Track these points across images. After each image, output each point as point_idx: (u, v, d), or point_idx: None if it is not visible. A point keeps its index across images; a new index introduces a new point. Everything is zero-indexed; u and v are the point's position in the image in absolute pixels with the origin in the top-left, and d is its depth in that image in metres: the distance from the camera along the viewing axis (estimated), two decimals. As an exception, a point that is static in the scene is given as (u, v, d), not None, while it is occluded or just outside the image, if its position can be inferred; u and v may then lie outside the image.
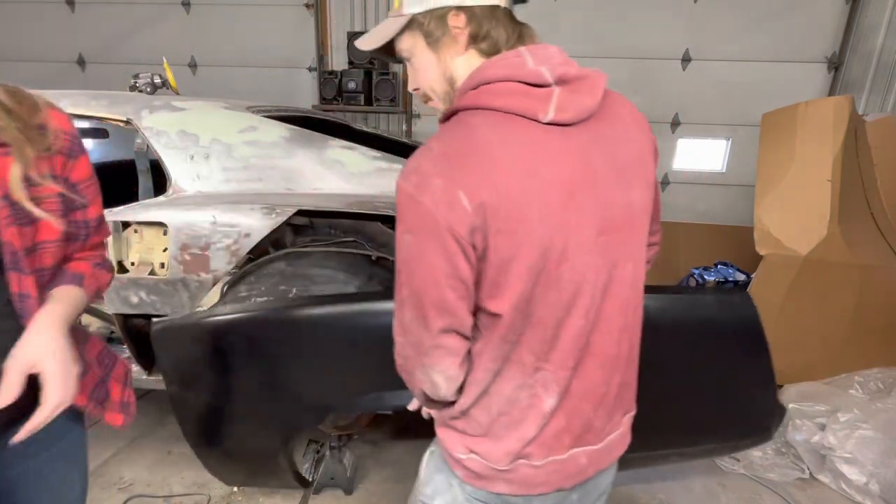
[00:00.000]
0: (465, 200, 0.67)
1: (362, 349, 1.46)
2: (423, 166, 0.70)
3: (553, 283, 0.73)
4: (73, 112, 1.91)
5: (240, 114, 2.02)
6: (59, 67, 5.32)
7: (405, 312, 0.76)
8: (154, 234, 1.74)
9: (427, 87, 0.85)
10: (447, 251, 0.69)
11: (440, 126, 0.81)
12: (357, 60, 4.56)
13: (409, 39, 0.82)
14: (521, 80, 0.72)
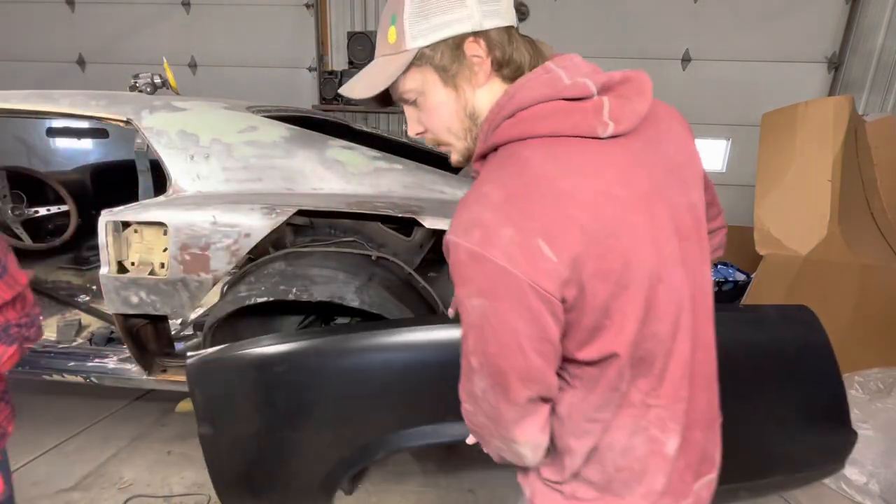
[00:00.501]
0: (547, 249, 0.58)
1: (414, 380, 1.39)
2: (484, 217, 0.60)
3: (657, 308, 0.65)
4: (72, 112, 1.91)
5: (240, 114, 2.01)
6: (59, 67, 5.32)
7: (476, 382, 0.67)
8: (154, 233, 1.74)
9: (441, 129, 0.75)
10: (532, 312, 0.60)
11: (478, 167, 0.72)
12: (357, 60, 4.56)
13: (415, 78, 0.71)
14: (561, 98, 0.65)
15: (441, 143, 0.77)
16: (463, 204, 0.65)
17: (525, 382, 0.65)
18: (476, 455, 2.25)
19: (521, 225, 0.59)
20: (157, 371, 1.98)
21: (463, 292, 0.63)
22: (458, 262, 0.62)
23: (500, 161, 0.67)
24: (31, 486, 2.02)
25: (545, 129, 0.64)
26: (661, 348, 0.67)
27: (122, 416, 2.50)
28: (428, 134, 0.77)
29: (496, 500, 2.04)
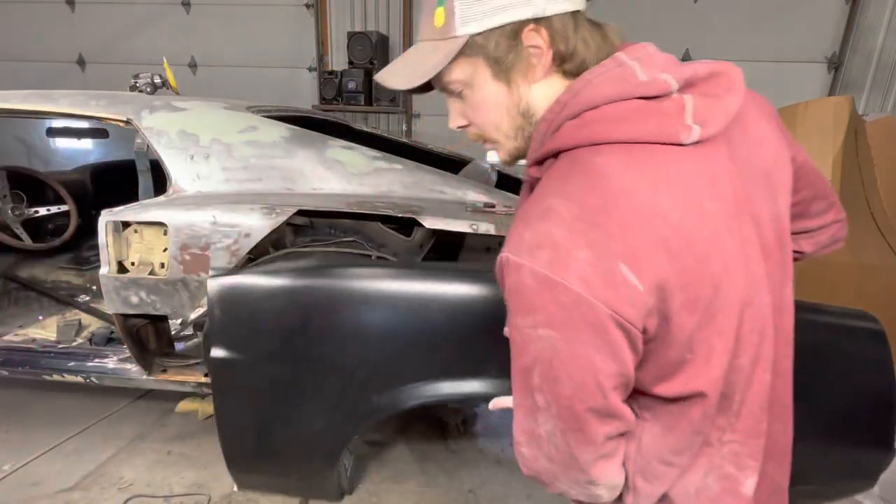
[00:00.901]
0: (632, 275, 0.50)
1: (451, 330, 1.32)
2: (554, 236, 0.52)
3: (742, 338, 0.58)
4: (72, 112, 1.91)
5: (240, 114, 2.01)
6: (59, 67, 5.32)
7: (541, 424, 0.58)
8: (154, 233, 1.74)
9: (489, 125, 0.66)
10: (612, 346, 0.52)
11: (535, 173, 0.64)
12: (357, 60, 4.56)
13: (465, 68, 0.62)
14: (636, 97, 0.56)
15: (486, 140, 0.69)
16: (523, 220, 0.56)
17: (603, 420, 0.56)
18: (476, 455, 2.26)
19: (600, 246, 0.51)
20: (157, 371, 1.98)
21: (526, 322, 0.54)
22: (521, 287, 0.53)
23: (565, 170, 0.58)
24: (31, 486, 2.01)
25: (621, 133, 0.55)
26: (741, 381, 0.60)
27: (122, 416, 2.50)
28: (472, 129, 0.69)
29: (496, 500, 2.04)
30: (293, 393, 1.44)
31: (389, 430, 2.42)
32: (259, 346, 1.43)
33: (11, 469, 2.10)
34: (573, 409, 0.55)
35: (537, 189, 0.60)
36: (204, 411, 2.48)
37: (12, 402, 2.56)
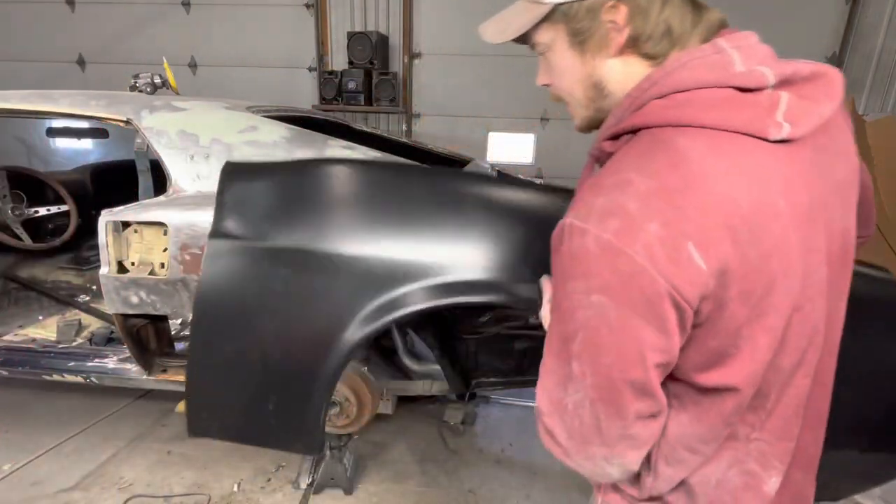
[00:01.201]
0: (698, 256, 0.51)
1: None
2: (628, 206, 0.52)
3: (788, 341, 0.58)
4: (72, 112, 1.91)
5: (240, 114, 2.01)
6: (59, 67, 5.32)
7: (570, 395, 0.58)
8: (154, 233, 1.74)
9: (564, 90, 0.70)
10: (663, 321, 0.52)
11: (609, 147, 0.64)
12: (357, 60, 4.55)
13: (548, 32, 0.65)
14: (730, 86, 0.56)
15: (560, 101, 0.72)
16: (595, 187, 0.56)
17: (639, 395, 0.56)
18: (476, 455, 2.26)
19: (672, 223, 0.51)
20: (157, 371, 1.98)
21: (578, 286, 0.54)
22: (581, 252, 0.53)
23: (646, 146, 0.57)
24: (31, 486, 2.02)
25: (709, 119, 0.55)
26: (779, 381, 0.60)
27: (122, 416, 2.50)
28: (553, 89, 0.72)
29: (496, 500, 2.04)
30: (293, 290, 1.30)
31: (389, 429, 2.42)
32: (262, 230, 1.34)
33: (11, 469, 2.10)
34: (611, 378, 0.55)
35: (612, 162, 0.59)
36: (204, 411, 2.48)
37: (12, 402, 2.56)
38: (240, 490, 2.03)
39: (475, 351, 1.81)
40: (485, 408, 2.65)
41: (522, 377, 1.88)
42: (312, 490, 2.01)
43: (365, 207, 1.34)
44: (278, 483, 2.07)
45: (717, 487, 0.64)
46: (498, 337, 1.80)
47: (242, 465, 2.17)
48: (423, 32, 4.86)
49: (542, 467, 2.22)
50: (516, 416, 2.60)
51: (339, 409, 1.84)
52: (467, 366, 1.85)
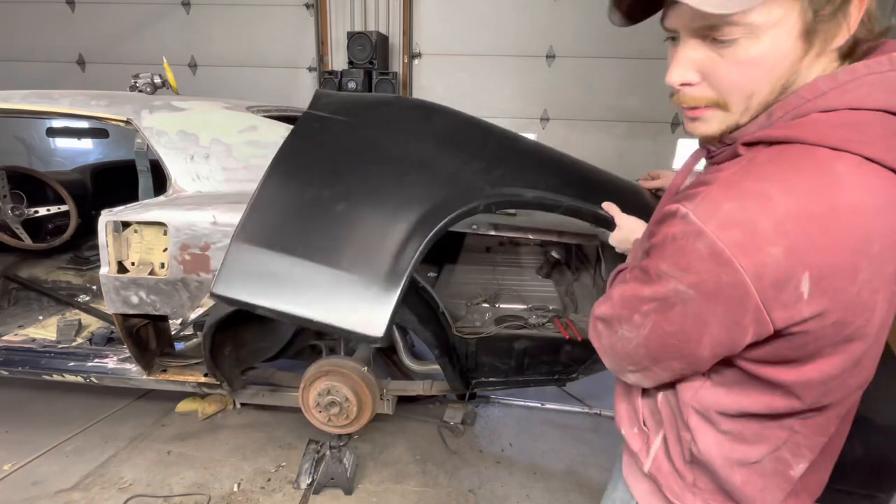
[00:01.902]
0: (807, 287, 0.49)
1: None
2: (758, 223, 0.49)
3: (861, 365, 0.58)
4: (72, 112, 1.91)
5: (240, 114, 2.01)
6: (59, 67, 5.32)
7: (625, 329, 0.63)
8: (154, 233, 1.74)
9: (738, 89, 0.56)
10: (739, 325, 0.53)
11: (742, 151, 0.57)
12: (357, 60, 4.55)
13: (773, 11, 0.51)
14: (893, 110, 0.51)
15: (699, 107, 0.59)
16: (727, 187, 0.52)
17: (679, 361, 0.60)
18: (476, 455, 2.26)
19: (797, 253, 0.48)
20: (157, 371, 1.98)
21: (672, 272, 0.54)
22: (689, 249, 0.52)
23: (797, 160, 0.51)
24: (31, 486, 2.02)
25: (877, 152, 0.49)
26: (842, 395, 0.60)
27: (122, 416, 2.50)
28: (697, 89, 0.58)
29: (496, 500, 2.04)
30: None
31: (389, 429, 2.42)
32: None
33: (11, 469, 2.10)
34: (664, 343, 0.59)
35: (754, 165, 0.54)
36: (204, 411, 2.48)
37: (12, 401, 2.56)
38: (240, 490, 2.03)
39: (475, 351, 1.81)
40: (485, 408, 2.65)
41: (522, 377, 1.88)
42: (312, 490, 2.01)
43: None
44: (278, 483, 2.07)
45: (746, 465, 0.65)
46: (498, 337, 1.80)
47: (242, 465, 2.17)
48: (423, 32, 4.86)
49: (542, 467, 2.22)
50: (516, 416, 2.60)
51: (339, 409, 1.84)
52: (467, 366, 1.85)
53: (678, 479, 0.71)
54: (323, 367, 1.85)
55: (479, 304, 2.01)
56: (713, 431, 0.66)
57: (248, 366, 2.06)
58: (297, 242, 0.98)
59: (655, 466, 0.73)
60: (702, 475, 0.69)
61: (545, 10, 4.53)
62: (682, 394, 0.67)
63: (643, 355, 0.63)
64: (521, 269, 2.38)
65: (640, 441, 0.75)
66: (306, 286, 0.96)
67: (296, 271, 0.97)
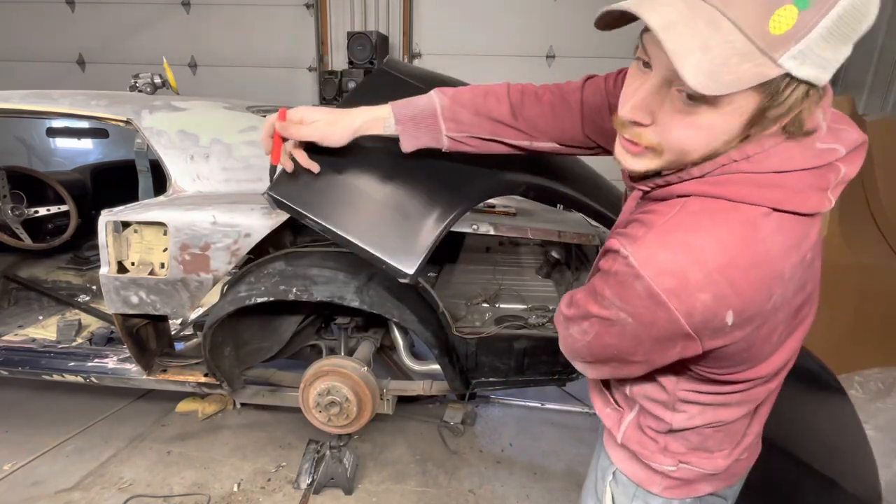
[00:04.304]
0: (731, 319, 0.57)
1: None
2: (689, 275, 0.56)
3: (793, 339, 0.70)
4: (72, 112, 1.91)
5: (240, 114, 2.02)
6: (59, 67, 5.32)
7: (574, 329, 0.71)
8: (154, 233, 1.74)
9: (678, 145, 0.59)
10: (670, 344, 0.62)
11: (682, 201, 0.61)
12: (357, 60, 4.55)
13: (740, 97, 0.53)
14: (813, 167, 0.58)
15: (645, 148, 0.62)
16: (663, 236, 0.58)
17: (614, 362, 0.70)
18: (476, 455, 2.26)
19: (723, 298, 0.56)
20: (157, 371, 1.98)
21: (613, 301, 0.61)
22: (627, 286, 0.59)
23: (721, 213, 0.58)
24: (31, 486, 2.02)
25: (791, 204, 0.57)
26: (786, 364, 0.72)
27: (122, 416, 2.50)
28: (646, 130, 0.60)
29: (496, 500, 2.04)
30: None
31: (389, 430, 2.42)
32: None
33: (11, 469, 2.10)
34: (604, 353, 0.68)
35: (687, 214, 0.60)
36: (204, 411, 2.48)
37: (13, 401, 2.56)
38: (240, 490, 2.03)
39: (475, 351, 1.81)
40: (485, 408, 2.65)
41: (522, 377, 1.88)
42: (312, 490, 2.01)
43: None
44: (278, 483, 2.07)
45: (726, 426, 0.76)
46: (498, 337, 1.80)
47: (242, 465, 2.17)
48: (423, 32, 4.86)
49: (542, 467, 2.22)
50: (516, 416, 2.60)
51: (339, 409, 1.84)
52: (467, 366, 1.85)
53: (649, 444, 0.81)
54: (323, 367, 1.85)
55: (479, 304, 2.01)
56: (698, 407, 0.74)
57: (248, 366, 2.07)
58: (355, 172, 1.02)
59: (626, 437, 0.83)
60: (674, 441, 0.79)
61: (545, 10, 4.53)
62: (667, 385, 0.75)
63: (587, 354, 0.72)
64: (521, 269, 2.38)
65: (613, 419, 0.86)
66: (356, 212, 1.00)
67: (350, 197, 1.01)
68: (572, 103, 0.90)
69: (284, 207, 0.99)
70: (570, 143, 0.93)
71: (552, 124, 0.91)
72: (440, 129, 0.92)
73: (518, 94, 0.92)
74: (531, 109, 0.91)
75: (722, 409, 0.74)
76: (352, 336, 2.16)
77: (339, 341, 2.13)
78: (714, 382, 0.71)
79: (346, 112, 0.93)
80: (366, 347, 2.08)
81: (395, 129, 0.92)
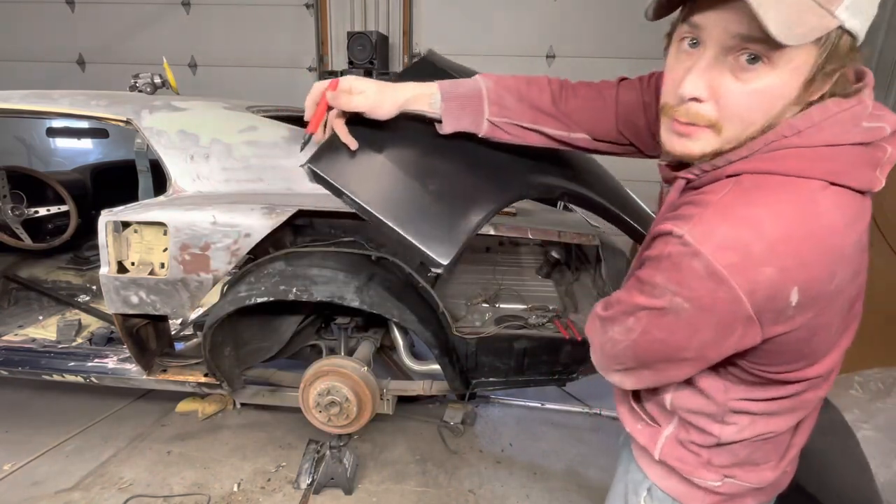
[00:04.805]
0: (796, 296, 0.55)
1: None
2: (751, 247, 0.54)
3: (849, 329, 0.70)
4: (72, 112, 1.91)
5: (240, 114, 2.01)
6: (59, 67, 5.31)
7: (618, 330, 0.67)
8: (154, 233, 1.74)
9: (737, 117, 0.59)
10: (729, 330, 0.59)
11: (735, 179, 0.60)
12: (357, 60, 4.55)
13: (800, 53, 0.54)
14: (862, 142, 0.58)
15: (695, 125, 0.61)
16: (721, 212, 0.57)
17: (661, 364, 0.66)
18: (476, 455, 2.26)
19: (788, 271, 0.54)
20: (157, 371, 1.98)
21: (668, 286, 0.59)
22: (685, 267, 0.56)
23: (779, 189, 0.57)
24: (31, 486, 2.02)
25: (845, 179, 0.56)
26: (839, 361, 0.70)
27: (122, 416, 2.50)
28: (700, 107, 0.60)
29: (496, 500, 2.04)
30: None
31: (389, 430, 2.42)
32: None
33: (11, 469, 2.10)
34: (651, 349, 0.64)
35: (743, 191, 0.58)
36: (204, 411, 2.48)
37: (13, 401, 2.56)
38: (240, 490, 2.03)
39: (475, 351, 1.81)
40: (485, 408, 2.65)
41: (522, 377, 1.88)
42: (312, 490, 2.01)
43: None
44: (278, 483, 2.07)
45: (776, 438, 0.73)
46: (498, 337, 1.80)
47: (242, 465, 2.17)
48: (423, 32, 4.86)
49: (542, 467, 2.22)
50: (516, 416, 2.60)
51: (339, 409, 1.84)
52: (467, 366, 1.85)
53: (691, 459, 0.76)
54: (323, 367, 1.85)
55: (479, 304, 2.01)
56: (748, 418, 0.71)
57: (248, 366, 2.07)
58: (395, 155, 1.00)
59: (664, 454, 0.78)
60: (718, 455, 0.74)
61: (545, 9, 4.53)
62: (716, 395, 0.71)
63: (630, 357, 0.68)
64: (521, 269, 2.38)
65: (647, 435, 0.81)
66: (394, 195, 0.99)
67: (388, 179, 0.99)
68: (607, 98, 0.92)
69: (322, 182, 0.98)
70: (602, 138, 0.94)
71: (587, 116, 0.93)
72: (483, 112, 0.93)
73: (558, 84, 0.94)
74: (570, 100, 0.93)
75: (773, 419, 0.71)
76: (352, 336, 2.16)
77: (339, 341, 2.13)
78: (768, 385, 0.68)
79: (393, 85, 0.93)
80: (366, 347, 2.08)
81: (439, 106, 0.92)
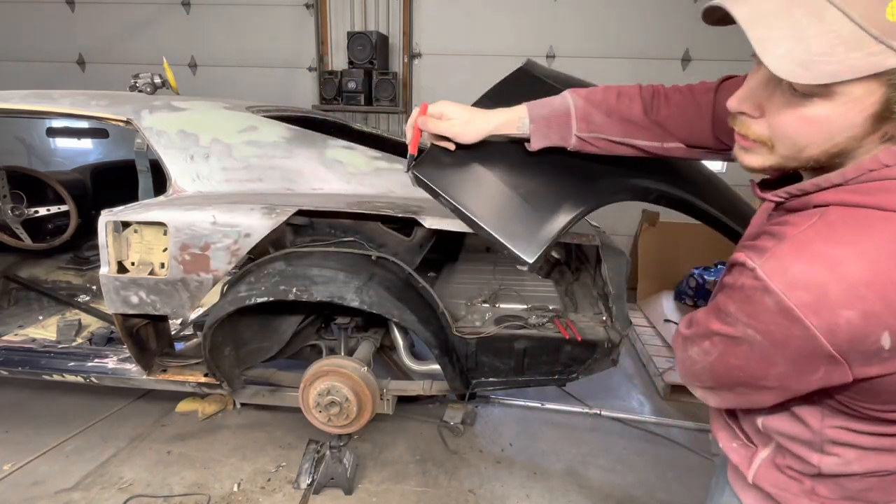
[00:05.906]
0: (888, 341, 0.50)
1: None
2: (829, 288, 0.51)
3: None
4: (72, 112, 1.91)
5: (240, 114, 2.02)
6: (59, 67, 5.31)
7: (697, 350, 0.65)
8: (154, 233, 1.74)
9: (790, 140, 0.58)
10: (810, 366, 0.54)
11: (821, 210, 0.57)
12: (357, 60, 4.55)
13: (855, 89, 0.52)
14: None
15: (753, 141, 0.61)
16: (801, 248, 0.54)
17: (742, 387, 0.63)
18: (476, 455, 2.26)
19: (874, 315, 0.50)
20: (157, 371, 1.98)
21: (740, 317, 0.56)
22: (757, 301, 0.54)
23: (866, 222, 0.53)
24: (31, 486, 2.02)
25: None
26: None
27: (122, 416, 2.50)
28: (749, 121, 0.61)
29: (496, 500, 2.04)
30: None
31: (389, 429, 2.42)
32: None
33: (11, 469, 2.10)
34: (729, 374, 0.62)
35: (826, 226, 0.55)
36: (204, 411, 2.48)
37: (13, 401, 2.56)
38: (240, 490, 2.03)
39: (475, 351, 1.81)
40: (485, 408, 2.65)
41: (522, 377, 1.88)
42: (312, 490, 2.01)
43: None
44: (278, 483, 2.07)
45: (882, 478, 0.66)
46: (498, 337, 1.80)
47: (242, 465, 2.17)
48: (423, 32, 4.86)
49: (542, 467, 2.22)
50: (516, 416, 2.60)
51: (339, 409, 1.84)
52: (467, 366, 1.85)
53: (792, 486, 0.71)
54: (323, 367, 1.85)
55: (479, 304, 2.01)
56: (855, 452, 0.65)
57: (248, 366, 2.07)
58: (488, 163, 1.09)
59: (759, 477, 0.74)
60: (824, 485, 0.68)
61: (545, 10, 4.53)
62: (810, 422, 0.66)
63: (708, 378, 0.66)
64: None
65: (741, 455, 0.77)
66: (485, 198, 1.07)
67: (481, 184, 1.08)
68: (703, 104, 0.90)
69: (423, 185, 1.10)
70: (696, 145, 0.92)
71: (680, 124, 0.91)
72: (571, 129, 0.94)
73: (650, 93, 0.93)
74: (662, 109, 0.92)
75: (885, 456, 0.63)
76: (352, 336, 2.16)
77: (339, 341, 2.13)
78: (873, 421, 0.61)
79: (482, 113, 0.97)
80: (366, 347, 2.08)
81: (528, 128, 0.95)
